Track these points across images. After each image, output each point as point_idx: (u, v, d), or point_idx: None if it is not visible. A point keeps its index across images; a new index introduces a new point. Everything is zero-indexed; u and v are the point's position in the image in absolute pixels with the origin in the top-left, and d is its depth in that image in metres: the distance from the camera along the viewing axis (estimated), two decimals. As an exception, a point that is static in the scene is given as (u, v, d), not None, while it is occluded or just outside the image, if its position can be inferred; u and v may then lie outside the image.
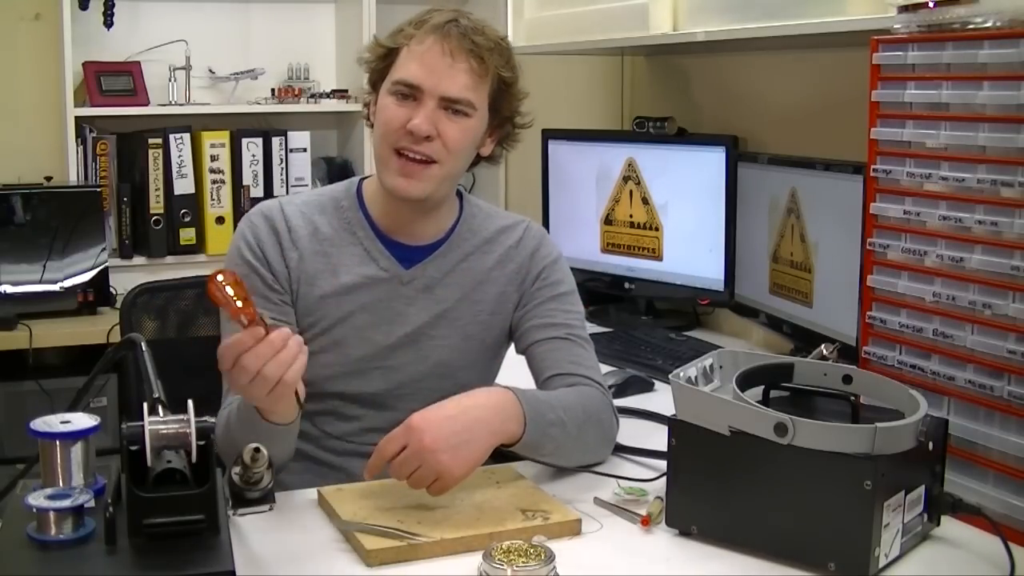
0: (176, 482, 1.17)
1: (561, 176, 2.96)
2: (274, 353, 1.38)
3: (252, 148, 3.30)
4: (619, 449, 1.76)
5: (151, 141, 3.18)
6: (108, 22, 3.15)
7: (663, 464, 1.55)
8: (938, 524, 1.45)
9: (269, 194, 3.29)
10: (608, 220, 2.86)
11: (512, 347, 1.83)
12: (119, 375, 2.62)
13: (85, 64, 3.15)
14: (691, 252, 2.67)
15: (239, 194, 3.29)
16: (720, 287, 2.59)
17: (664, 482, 1.47)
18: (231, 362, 1.38)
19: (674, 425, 1.45)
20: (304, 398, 1.49)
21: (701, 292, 2.66)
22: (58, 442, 1.20)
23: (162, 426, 1.17)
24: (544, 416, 1.56)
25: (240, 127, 3.32)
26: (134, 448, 1.16)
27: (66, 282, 2.93)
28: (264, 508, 1.34)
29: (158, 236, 3.22)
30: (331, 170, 3.41)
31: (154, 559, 1.12)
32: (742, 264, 2.52)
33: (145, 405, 1.20)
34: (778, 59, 2.60)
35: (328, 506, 1.50)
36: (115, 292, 2.96)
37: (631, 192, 2.78)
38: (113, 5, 3.14)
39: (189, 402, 1.19)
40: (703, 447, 1.41)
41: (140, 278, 2.21)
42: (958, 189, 1.56)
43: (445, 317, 1.75)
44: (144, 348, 1.31)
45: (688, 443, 1.44)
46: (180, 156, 3.21)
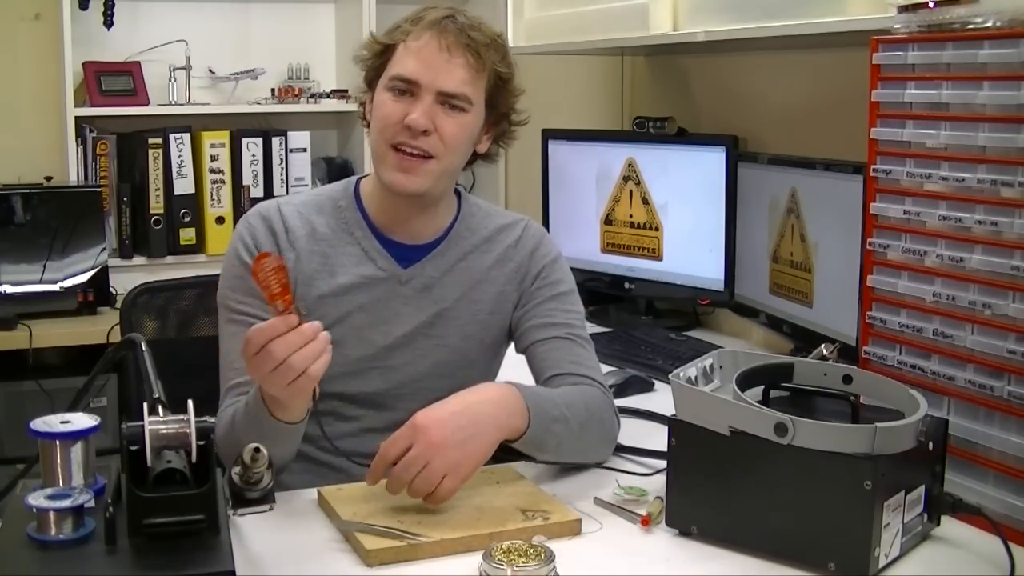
0: (176, 482, 1.17)
1: (561, 176, 2.96)
2: (304, 343, 1.38)
3: (252, 148, 3.30)
4: (619, 449, 1.76)
5: (151, 141, 3.18)
6: (108, 22, 3.15)
7: (663, 464, 1.56)
8: (938, 524, 1.45)
9: (269, 194, 3.29)
10: (608, 220, 2.86)
11: (512, 347, 1.83)
12: (119, 375, 2.63)
13: (85, 64, 3.15)
14: (691, 252, 2.67)
15: (239, 194, 3.29)
16: (720, 287, 2.59)
17: (664, 482, 1.47)
18: (259, 347, 1.38)
19: (674, 425, 1.45)
20: (317, 396, 1.49)
21: (701, 292, 2.66)
22: (58, 442, 1.20)
23: (162, 426, 1.17)
24: (548, 412, 1.56)
25: (240, 127, 3.32)
26: (134, 448, 1.16)
27: (66, 282, 2.93)
28: (264, 508, 1.34)
29: (158, 236, 3.22)
30: (331, 170, 3.41)
31: (154, 559, 1.12)
32: (742, 264, 2.52)
33: (145, 405, 1.21)
34: (778, 59, 2.60)
35: (328, 506, 1.50)
36: (115, 292, 2.96)
37: (631, 192, 2.78)
38: (113, 5, 3.14)
39: (189, 402, 1.19)
40: (703, 447, 1.41)
41: (140, 278, 2.21)
42: (958, 189, 1.56)
43: (443, 317, 1.75)
44: (144, 348, 1.31)
45: (688, 443, 1.43)
46: (180, 156, 3.21)
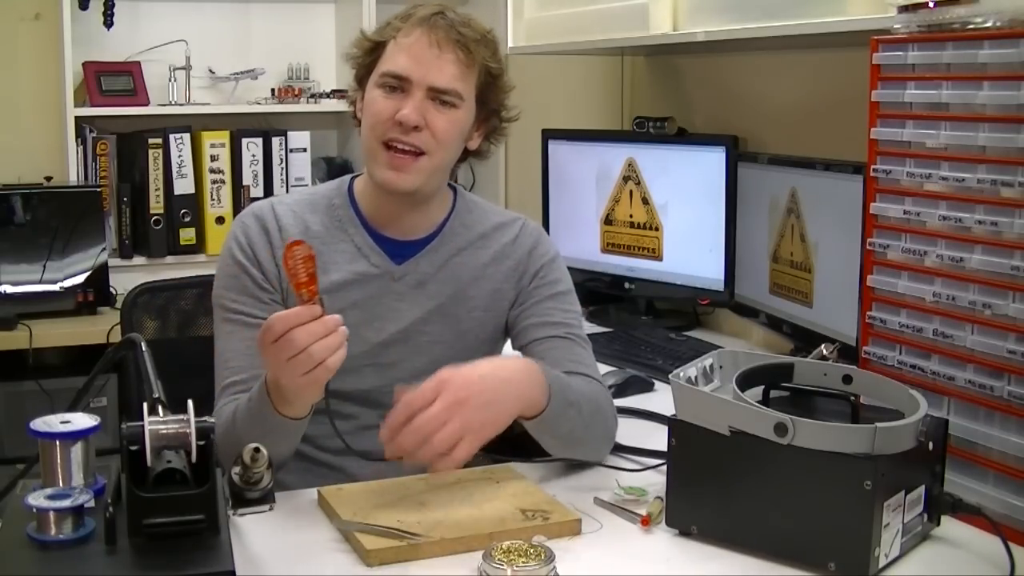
0: (176, 482, 1.17)
1: (561, 176, 2.96)
2: (325, 334, 1.39)
3: (252, 148, 3.31)
4: (619, 449, 1.76)
5: (151, 141, 3.19)
6: (108, 22, 3.16)
7: (659, 461, 1.56)
8: (938, 524, 1.45)
9: (269, 194, 3.29)
10: (608, 220, 2.86)
11: (508, 344, 1.83)
12: (119, 375, 2.63)
13: (85, 64, 3.15)
14: (691, 252, 2.67)
15: (239, 194, 3.29)
16: (720, 287, 2.59)
17: (664, 482, 1.47)
18: (279, 335, 1.38)
19: (674, 425, 1.45)
20: (327, 392, 1.49)
21: (701, 292, 2.66)
22: (58, 442, 1.20)
23: (162, 426, 1.17)
24: (565, 396, 1.57)
25: (240, 127, 3.32)
26: (134, 448, 1.16)
27: (66, 282, 2.93)
28: (264, 508, 1.34)
29: (158, 236, 3.22)
30: (331, 170, 3.41)
31: (154, 559, 1.12)
32: (742, 264, 2.52)
33: (145, 405, 1.20)
34: (778, 59, 2.60)
35: (328, 506, 1.50)
36: (115, 292, 2.96)
37: (631, 192, 2.78)
38: (113, 5, 3.14)
39: (189, 402, 1.19)
40: (703, 447, 1.41)
41: (140, 278, 2.21)
42: (958, 189, 1.56)
43: (438, 313, 1.75)
44: (144, 348, 1.31)
45: (688, 443, 1.43)
46: (180, 156, 3.21)
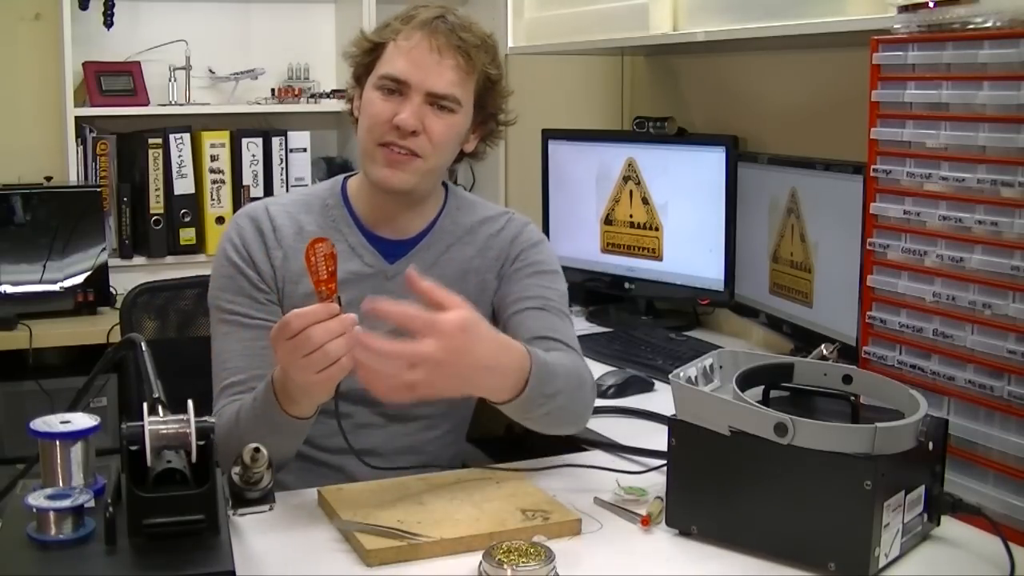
0: (176, 482, 1.17)
1: (561, 176, 2.96)
2: (342, 332, 1.40)
3: (252, 148, 3.30)
4: (619, 449, 1.76)
5: (151, 141, 3.18)
6: (108, 22, 3.15)
7: (660, 462, 1.56)
8: (938, 524, 1.45)
9: (269, 194, 3.29)
10: (608, 220, 2.86)
11: None
12: (119, 375, 2.63)
13: (85, 64, 3.15)
14: (691, 252, 2.67)
15: (239, 194, 3.29)
16: (720, 287, 2.59)
17: (664, 482, 1.47)
18: (297, 331, 1.38)
19: (674, 425, 1.45)
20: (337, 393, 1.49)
21: (701, 292, 2.66)
22: (58, 442, 1.20)
23: (162, 426, 1.17)
24: (543, 389, 1.54)
25: (240, 127, 3.31)
26: (134, 448, 1.16)
27: (66, 282, 2.93)
28: (264, 508, 1.34)
29: (158, 236, 3.22)
30: (331, 170, 3.41)
31: (154, 559, 1.12)
32: (742, 264, 2.52)
33: (145, 405, 1.20)
34: (778, 59, 2.60)
35: (328, 506, 1.50)
36: (115, 292, 2.96)
37: (631, 192, 2.78)
38: (113, 5, 3.14)
39: (189, 402, 1.19)
40: (703, 447, 1.41)
41: (140, 278, 2.21)
42: (958, 189, 1.56)
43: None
44: (144, 348, 1.31)
45: (688, 443, 1.43)
46: (180, 156, 3.21)
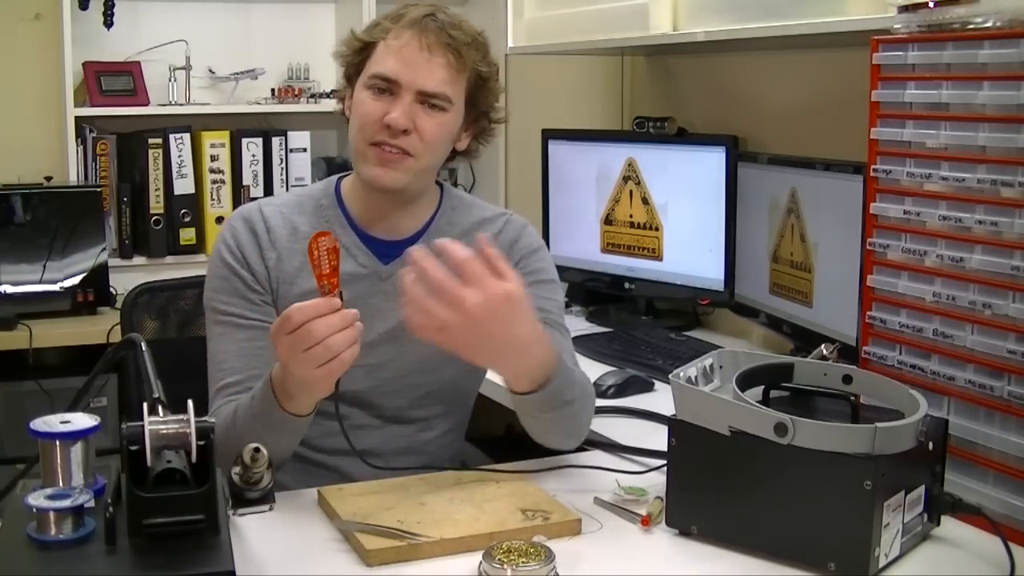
0: (176, 482, 1.17)
1: (561, 176, 2.96)
2: (343, 327, 1.40)
3: (252, 148, 3.30)
4: (619, 449, 1.76)
5: (151, 141, 3.18)
6: (108, 22, 3.15)
7: (660, 462, 1.56)
8: (938, 524, 1.45)
9: (269, 194, 3.29)
10: (608, 220, 2.86)
11: None
12: (119, 375, 2.63)
13: (85, 64, 3.15)
14: (691, 252, 2.67)
15: (239, 194, 3.29)
16: (720, 287, 2.59)
17: (664, 482, 1.47)
18: (298, 325, 1.39)
19: (674, 425, 1.45)
20: (338, 390, 1.49)
21: (701, 292, 2.66)
22: (58, 442, 1.20)
23: (162, 426, 1.17)
24: (561, 395, 1.56)
25: (240, 127, 3.32)
26: (134, 448, 1.16)
27: (66, 282, 2.93)
28: (264, 508, 1.34)
29: (158, 236, 3.22)
30: (331, 170, 3.41)
31: (154, 559, 1.12)
32: (742, 264, 2.52)
33: (145, 405, 1.20)
34: (778, 59, 2.60)
35: (328, 506, 1.50)
36: (115, 292, 2.96)
37: (631, 192, 2.78)
38: (113, 5, 3.14)
39: (189, 402, 1.19)
40: (703, 447, 1.41)
41: (140, 278, 2.21)
42: (958, 189, 1.56)
43: None
44: (144, 348, 1.31)
45: (688, 443, 1.43)
46: (180, 156, 3.21)
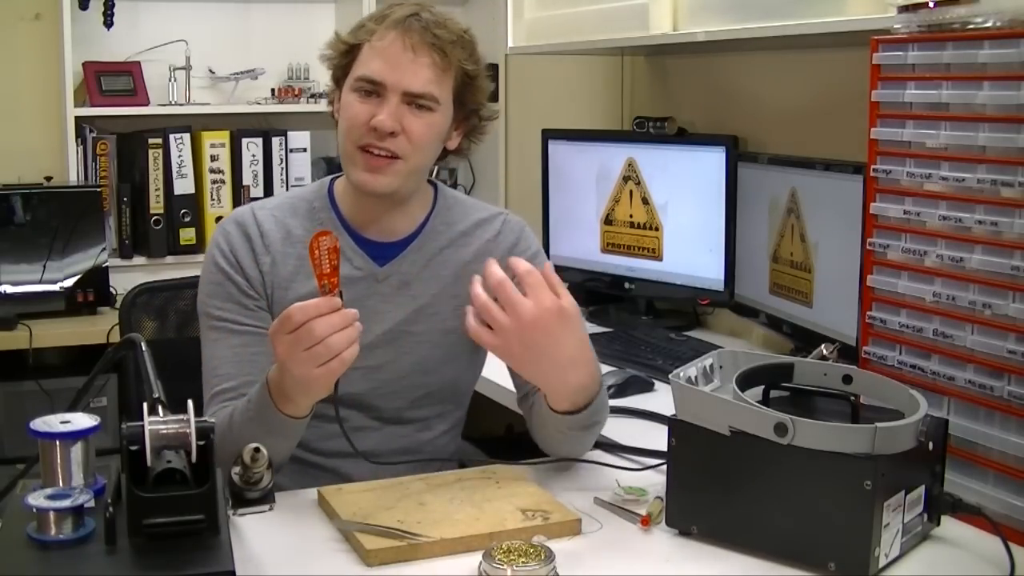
0: (176, 482, 1.17)
1: (561, 176, 2.96)
2: (344, 326, 1.41)
3: (252, 148, 3.31)
4: (619, 449, 1.76)
5: (151, 141, 3.19)
6: (108, 22, 3.16)
7: (659, 461, 1.57)
8: (938, 524, 1.45)
9: (269, 194, 3.29)
10: (608, 220, 2.86)
11: None
12: (119, 375, 2.62)
13: (85, 64, 3.15)
14: (691, 252, 2.67)
15: (239, 194, 3.29)
16: (720, 287, 2.59)
17: (664, 482, 1.48)
18: (298, 324, 1.39)
19: (674, 425, 1.45)
20: (337, 391, 1.50)
21: (701, 292, 2.66)
22: (58, 442, 1.20)
23: (162, 426, 1.17)
24: (594, 416, 1.59)
25: (240, 127, 3.32)
26: (134, 448, 1.16)
27: (66, 282, 2.93)
28: (264, 508, 1.34)
29: (158, 236, 3.22)
30: (331, 170, 3.41)
31: (154, 559, 1.12)
32: (742, 264, 2.52)
33: (145, 405, 1.21)
34: (778, 59, 2.60)
35: (328, 506, 1.50)
36: (115, 292, 2.96)
37: (631, 192, 2.78)
38: (113, 5, 3.14)
39: (189, 402, 1.19)
40: (703, 447, 1.41)
41: (140, 278, 2.21)
42: (958, 189, 1.56)
43: (423, 312, 1.74)
44: (144, 348, 1.31)
45: (688, 443, 1.43)
46: (180, 156, 3.21)
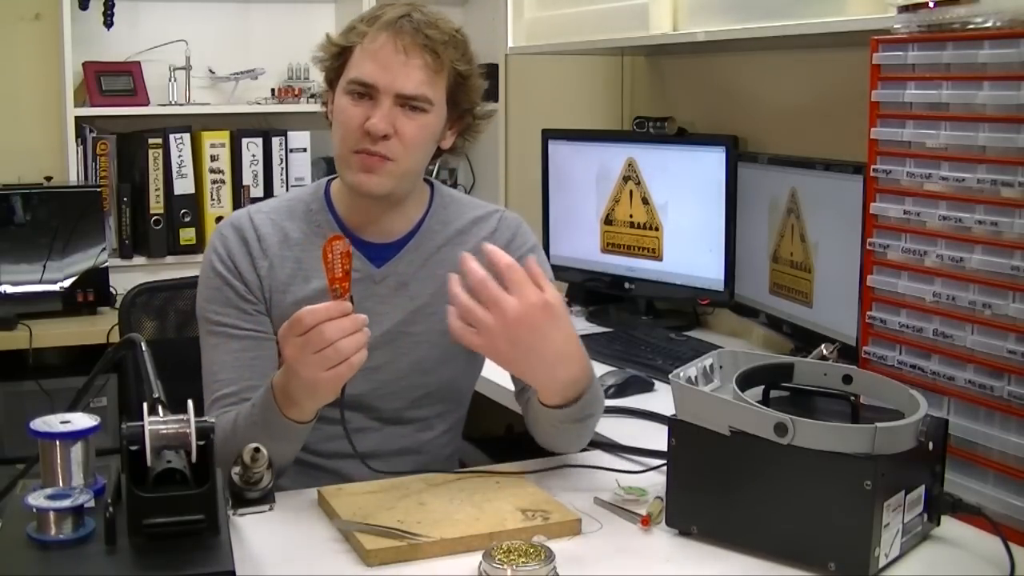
0: (176, 482, 1.17)
1: (561, 176, 2.96)
2: (354, 331, 1.42)
3: (252, 148, 3.31)
4: (619, 449, 1.76)
5: (151, 141, 3.19)
6: (108, 22, 3.16)
7: (660, 462, 1.56)
8: (938, 524, 1.45)
9: (269, 194, 3.29)
10: (608, 220, 2.86)
11: None
12: (119, 375, 2.63)
13: (85, 64, 3.15)
14: (691, 252, 2.67)
15: (239, 194, 3.29)
16: (720, 287, 2.59)
17: (664, 482, 1.48)
18: (308, 328, 1.40)
19: (674, 425, 1.45)
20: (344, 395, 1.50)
21: (701, 292, 2.66)
22: (58, 442, 1.20)
23: (162, 426, 1.17)
24: (586, 408, 1.58)
25: (240, 127, 3.32)
26: (134, 448, 1.16)
27: (66, 282, 2.93)
28: (264, 508, 1.34)
29: (158, 236, 3.22)
30: (331, 170, 3.36)
31: (154, 559, 1.12)
32: (742, 264, 2.52)
33: (145, 405, 1.21)
34: (778, 59, 2.60)
35: (328, 506, 1.50)
36: (115, 292, 2.96)
37: (631, 192, 2.78)
38: (113, 5, 3.14)
39: (189, 402, 1.19)
40: (703, 447, 1.41)
41: (140, 278, 2.21)
42: (958, 189, 1.56)
43: (421, 313, 1.74)
44: (144, 348, 1.31)
45: (688, 443, 1.43)
46: (180, 156, 3.21)
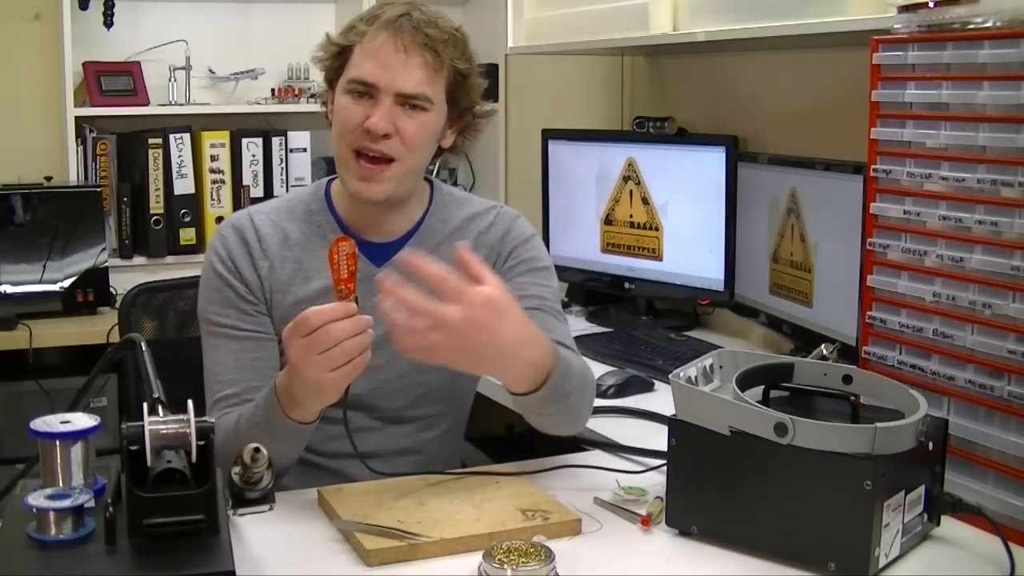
0: (176, 482, 1.17)
1: (561, 176, 2.96)
2: (359, 331, 1.42)
3: (252, 148, 3.30)
4: (619, 449, 1.76)
5: (151, 141, 3.18)
6: (108, 22, 3.15)
7: (660, 462, 1.56)
8: (938, 524, 1.45)
9: (269, 194, 3.29)
10: (608, 220, 2.86)
11: None
12: (119, 375, 2.63)
13: (85, 64, 3.15)
14: (691, 252, 2.67)
15: (239, 194, 3.29)
16: (720, 287, 2.59)
17: (664, 482, 1.47)
18: (314, 328, 1.40)
19: (674, 425, 1.45)
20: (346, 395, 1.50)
21: (701, 292, 2.66)
22: (58, 442, 1.20)
23: (162, 426, 1.17)
24: (559, 388, 1.55)
25: (240, 127, 3.31)
26: (134, 448, 1.16)
27: (66, 282, 2.93)
28: (264, 508, 1.34)
29: (158, 236, 3.22)
30: (331, 170, 3.36)
31: (154, 559, 1.12)
32: (742, 264, 2.52)
33: (145, 405, 1.21)
34: (778, 59, 2.60)
35: (328, 506, 1.50)
36: (115, 292, 2.96)
37: (631, 192, 2.78)
38: (113, 5, 3.14)
39: (189, 402, 1.19)
40: (703, 447, 1.41)
41: (140, 278, 2.21)
42: (958, 189, 1.56)
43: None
44: (144, 348, 1.31)
45: (688, 443, 1.43)
46: (180, 156, 3.21)
